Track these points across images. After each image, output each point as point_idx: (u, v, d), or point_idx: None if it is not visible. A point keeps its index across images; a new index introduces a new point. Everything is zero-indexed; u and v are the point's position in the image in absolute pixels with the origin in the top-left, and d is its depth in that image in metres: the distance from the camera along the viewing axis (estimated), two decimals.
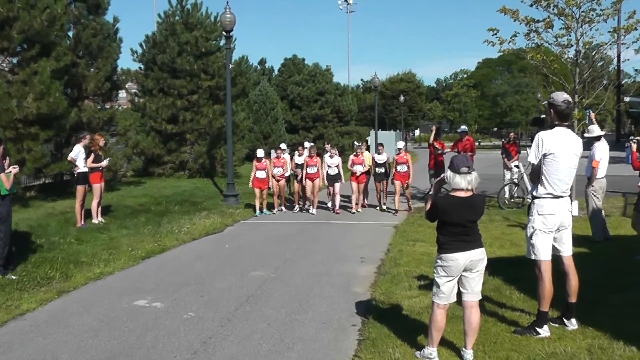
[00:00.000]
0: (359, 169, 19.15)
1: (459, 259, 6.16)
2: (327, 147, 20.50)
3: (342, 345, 7.11)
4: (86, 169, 15.27)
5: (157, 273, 11.10)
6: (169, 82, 29.23)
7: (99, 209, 15.86)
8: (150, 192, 22.66)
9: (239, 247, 13.53)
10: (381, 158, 19.25)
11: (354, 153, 19.89)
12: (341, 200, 19.58)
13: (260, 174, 18.54)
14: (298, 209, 19.81)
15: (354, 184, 19.15)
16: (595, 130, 13.07)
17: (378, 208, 19.58)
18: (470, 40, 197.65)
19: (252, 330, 7.74)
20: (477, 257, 6.24)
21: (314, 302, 9.03)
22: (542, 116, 54.52)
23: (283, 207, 19.79)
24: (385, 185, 19.48)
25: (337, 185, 19.07)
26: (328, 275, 10.74)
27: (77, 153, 15.23)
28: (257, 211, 18.70)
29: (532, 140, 7.31)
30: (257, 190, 18.58)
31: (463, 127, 22.48)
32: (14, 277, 10.03)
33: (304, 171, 19.15)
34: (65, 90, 20.47)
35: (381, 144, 19.86)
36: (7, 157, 10.96)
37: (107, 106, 24.59)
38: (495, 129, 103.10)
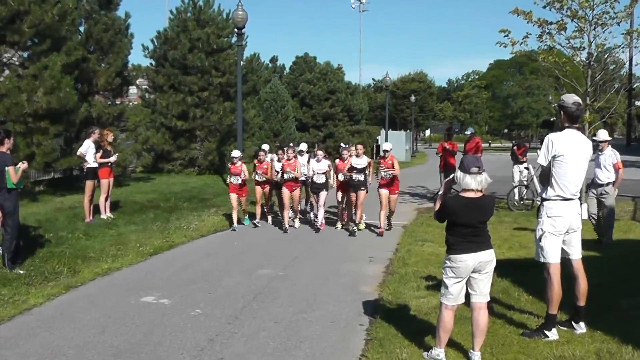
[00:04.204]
0: (342, 177, 15.53)
1: (467, 260, 6.13)
2: (316, 149, 17.00)
3: (349, 345, 7.10)
4: (95, 164, 15.27)
5: (165, 269, 11.10)
6: (180, 78, 29.28)
7: (108, 204, 15.85)
8: (159, 188, 22.67)
9: (247, 245, 13.51)
10: (359, 162, 15.18)
11: (340, 157, 16.25)
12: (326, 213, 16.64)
13: (235, 180, 15.68)
14: (257, 222, 16.32)
15: (339, 194, 15.81)
16: (601, 134, 13.01)
17: (338, 224, 16.00)
18: (482, 41, 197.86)
19: (259, 328, 7.72)
20: (486, 259, 6.21)
21: (322, 301, 9.01)
22: (552, 119, 54.38)
23: (270, 218, 16.89)
24: (362, 197, 15.13)
25: (323, 195, 15.70)
26: (336, 274, 10.73)
27: (87, 148, 15.24)
28: (235, 223, 15.62)
29: (542, 142, 7.27)
30: (233, 198, 15.74)
31: (470, 128, 22.49)
32: (21, 272, 10.03)
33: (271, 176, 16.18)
34: (76, 85, 20.47)
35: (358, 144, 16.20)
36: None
37: (118, 102, 24.62)
38: (506, 130, 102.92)
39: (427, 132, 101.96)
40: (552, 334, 6.98)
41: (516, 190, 19.07)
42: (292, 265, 11.48)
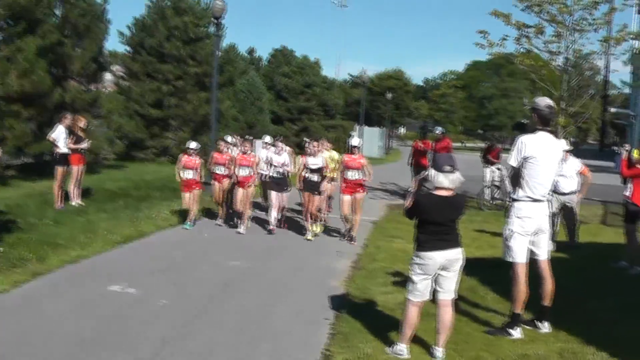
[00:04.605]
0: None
1: (436, 257, 6.18)
2: (277, 140, 15.17)
3: (314, 339, 7.10)
4: (67, 150, 15.13)
5: (133, 259, 11.03)
6: (156, 66, 29.17)
7: (78, 191, 15.70)
8: (131, 176, 22.48)
9: (218, 237, 13.45)
10: (315, 162, 13.33)
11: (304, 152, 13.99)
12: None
13: (188, 174, 13.96)
14: (220, 222, 14.82)
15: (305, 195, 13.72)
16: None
17: (307, 234, 13.52)
18: (461, 41, 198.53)
19: (226, 320, 7.72)
20: (455, 257, 6.26)
21: (289, 294, 9.02)
22: (524, 121, 54.73)
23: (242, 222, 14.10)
24: (318, 201, 13.52)
25: (278, 194, 13.98)
26: (305, 268, 10.77)
27: (58, 133, 15.10)
28: (187, 221, 14.16)
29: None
30: (185, 195, 14.16)
31: (440, 128, 22.16)
32: None
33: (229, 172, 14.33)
34: (50, 69, 20.25)
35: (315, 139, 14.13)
36: None
37: (92, 88, 24.37)
38: (481, 131, 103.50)
39: (402, 130, 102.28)
40: (516, 333, 7.06)
41: (487, 190, 19.18)
42: (262, 258, 11.48)
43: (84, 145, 15.58)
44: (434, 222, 6.22)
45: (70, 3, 22.02)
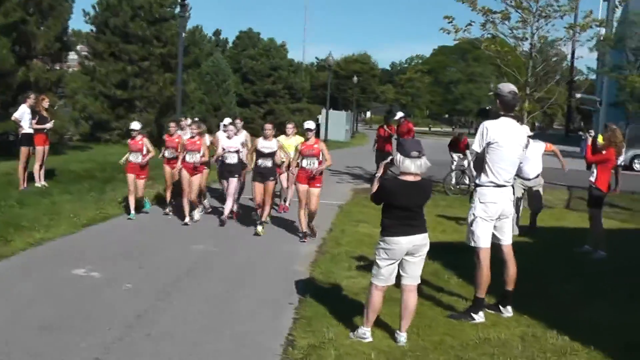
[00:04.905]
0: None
1: (402, 242, 6.20)
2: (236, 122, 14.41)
3: (278, 323, 7.11)
4: (31, 130, 14.93)
5: (98, 241, 10.96)
6: (121, 46, 28.92)
7: (42, 172, 15.52)
8: (96, 158, 22.29)
9: (175, 222, 13.31)
10: (268, 145, 12.10)
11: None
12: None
13: (134, 157, 13.22)
14: (169, 210, 13.86)
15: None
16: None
17: (258, 228, 12.19)
18: (427, 26, 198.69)
19: (189, 304, 7.70)
20: (421, 242, 6.29)
21: (254, 279, 9.03)
22: (487, 107, 55.08)
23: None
24: (270, 189, 12.26)
25: (234, 181, 13.14)
26: (269, 252, 10.75)
27: (22, 113, 14.88)
28: (132, 211, 13.06)
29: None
30: (129, 179, 13.22)
31: (400, 112, 22.00)
32: None
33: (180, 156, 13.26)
34: (13, 48, 19.97)
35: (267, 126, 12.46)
36: None
37: (57, 67, 24.08)
38: (447, 115, 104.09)
39: (368, 114, 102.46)
40: (479, 317, 7.14)
41: (453, 174, 19.30)
42: (227, 241, 11.45)
43: (48, 125, 15.38)
44: (400, 206, 6.22)
45: None
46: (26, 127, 14.89)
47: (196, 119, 14.91)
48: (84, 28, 31.54)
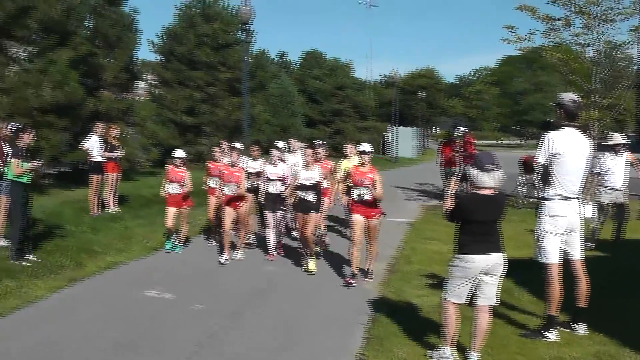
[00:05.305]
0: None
1: (478, 261, 6.07)
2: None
3: (348, 342, 7.08)
4: (100, 159, 15.31)
5: (169, 264, 11.14)
6: (187, 73, 29.40)
7: (114, 198, 15.90)
8: None
9: (252, 241, 13.40)
10: (309, 176, 10.51)
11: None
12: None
13: (174, 188, 11.97)
14: (214, 244, 12.63)
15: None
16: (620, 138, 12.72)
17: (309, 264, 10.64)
18: (491, 37, 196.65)
19: (259, 324, 7.74)
20: (497, 262, 6.17)
21: (322, 298, 9.04)
22: (549, 120, 54.03)
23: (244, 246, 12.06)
24: (312, 223, 10.50)
25: (273, 213, 11.48)
26: (338, 271, 10.69)
27: (92, 142, 15.32)
28: (168, 243, 12.08)
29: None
30: (170, 212, 11.92)
31: (463, 127, 21.45)
32: (27, 264, 10.06)
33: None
34: (83, 80, 20.51)
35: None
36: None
37: (125, 96, 24.63)
38: (516, 127, 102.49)
39: (438, 129, 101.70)
40: (552, 335, 6.96)
41: (522, 188, 18.90)
42: (295, 263, 11.43)
43: (118, 153, 15.77)
44: (476, 221, 6.11)
45: (100, 15, 22.35)
46: (96, 155, 15.27)
47: (237, 143, 13.09)
48: (151, 57, 32.23)
